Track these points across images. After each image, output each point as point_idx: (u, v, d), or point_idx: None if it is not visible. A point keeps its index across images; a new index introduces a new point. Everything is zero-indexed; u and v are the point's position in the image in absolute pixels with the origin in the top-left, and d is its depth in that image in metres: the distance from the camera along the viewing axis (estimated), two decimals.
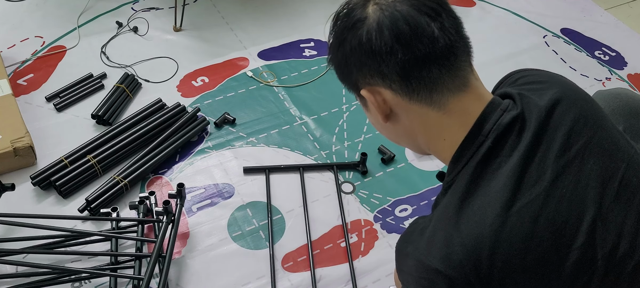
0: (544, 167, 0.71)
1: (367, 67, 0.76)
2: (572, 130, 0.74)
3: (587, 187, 0.71)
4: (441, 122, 0.77)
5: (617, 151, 0.75)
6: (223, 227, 1.32)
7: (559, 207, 0.69)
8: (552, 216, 0.69)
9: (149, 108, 1.56)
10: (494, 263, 0.67)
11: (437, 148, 0.81)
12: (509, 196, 0.69)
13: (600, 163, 0.73)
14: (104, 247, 1.24)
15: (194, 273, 1.22)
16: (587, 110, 0.77)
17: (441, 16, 0.75)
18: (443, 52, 0.74)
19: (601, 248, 0.69)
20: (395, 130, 0.83)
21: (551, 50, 1.96)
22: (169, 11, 1.96)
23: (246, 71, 1.77)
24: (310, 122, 1.61)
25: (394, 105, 0.78)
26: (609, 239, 0.70)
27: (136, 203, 1.31)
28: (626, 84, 1.85)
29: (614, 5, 2.23)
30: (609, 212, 0.71)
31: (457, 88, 0.75)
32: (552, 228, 0.68)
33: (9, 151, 1.35)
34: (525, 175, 0.71)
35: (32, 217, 1.21)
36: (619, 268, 0.70)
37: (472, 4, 2.15)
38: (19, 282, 1.14)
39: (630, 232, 0.71)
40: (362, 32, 0.75)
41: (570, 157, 0.72)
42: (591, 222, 0.70)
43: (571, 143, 0.73)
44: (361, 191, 1.42)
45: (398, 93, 0.76)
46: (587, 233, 0.69)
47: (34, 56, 1.76)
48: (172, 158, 1.47)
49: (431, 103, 0.75)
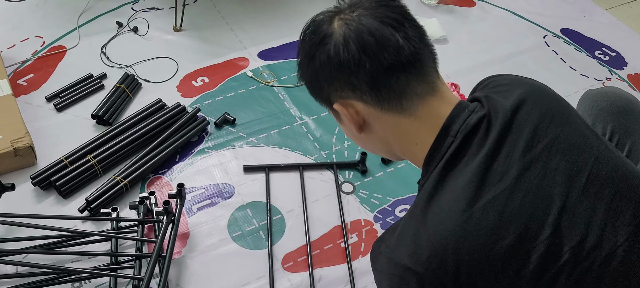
0: (509, 164, 0.73)
1: (337, 81, 0.79)
2: (538, 127, 0.76)
3: (553, 182, 0.72)
4: (412, 127, 0.79)
5: (586, 146, 0.77)
6: (223, 227, 1.32)
7: (524, 202, 0.71)
8: (517, 210, 0.70)
9: (149, 108, 1.56)
10: (460, 258, 0.69)
11: (410, 154, 0.83)
12: (474, 192, 0.71)
13: (567, 159, 0.74)
14: (104, 247, 1.24)
15: (194, 273, 1.22)
16: (553, 108, 0.79)
17: (404, 26, 0.77)
18: (409, 59, 0.76)
19: (568, 240, 0.70)
20: (370, 140, 0.86)
21: (551, 50, 1.96)
22: (169, 11, 1.96)
23: (246, 71, 1.77)
24: (310, 122, 1.61)
25: (367, 116, 0.81)
26: (577, 231, 0.71)
27: (136, 204, 1.31)
28: (626, 84, 1.85)
29: (614, 5, 2.23)
30: (577, 205, 0.72)
31: (425, 93, 0.78)
32: (517, 222, 0.70)
33: (9, 151, 1.35)
34: (490, 172, 0.72)
35: (32, 217, 1.21)
36: (589, 260, 0.70)
37: (472, 4, 2.15)
38: (19, 282, 1.14)
39: (599, 224, 0.72)
40: (329, 47, 0.78)
41: (536, 154, 0.74)
42: (557, 215, 0.71)
43: (537, 140, 0.75)
44: (361, 191, 1.42)
45: (369, 103, 0.79)
46: (553, 226, 0.70)
47: (34, 56, 1.76)
48: (172, 159, 1.47)
49: (402, 110, 0.78)
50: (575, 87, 1.79)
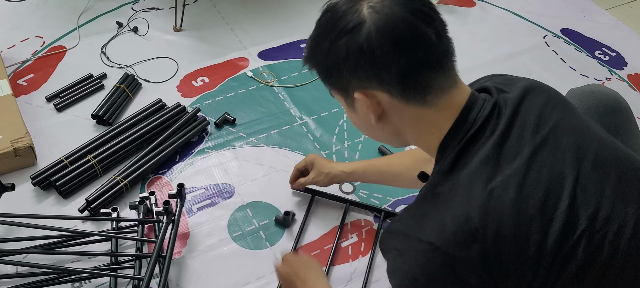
0: (521, 144, 0.75)
1: (364, 72, 0.77)
2: (542, 113, 0.79)
3: (564, 158, 0.75)
4: (432, 118, 0.79)
5: (588, 130, 0.80)
6: (223, 227, 1.32)
7: (540, 176, 0.73)
8: (535, 184, 0.72)
9: (149, 108, 1.56)
10: (486, 232, 0.70)
11: (425, 142, 0.83)
12: (491, 169, 0.73)
13: (574, 140, 0.77)
14: (104, 247, 1.24)
15: (194, 273, 1.21)
16: (555, 97, 0.83)
17: (435, 21, 0.76)
18: (439, 57, 0.77)
19: (584, 211, 0.72)
20: (383, 129, 0.84)
21: (551, 50, 1.96)
22: (169, 11, 1.96)
23: (246, 71, 1.77)
24: (311, 122, 1.61)
25: (388, 108, 0.80)
26: (591, 202, 0.73)
27: (136, 204, 1.31)
28: (626, 84, 1.85)
29: (614, 5, 2.23)
30: (588, 180, 0.74)
31: (448, 86, 0.79)
32: (536, 195, 0.72)
33: (9, 151, 1.35)
34: (504, 151, 0.75)
35: (32, 217, 1.21)
36: (603, 231, 0.72)
37: (472, 4, 2.15)
38: (19, 282, 1.14)
39: (610, 198, 0.74)
40: (361, 38, 0.75)
41: (544, 134, 0.77)
42: (572, 186, 0.73)
43: (543, 123, 0.78)
44: (361, 191, 1.42)
45: (395, 96, 0.78)
46: (570, 197, 0.72)
47: (34, 56, 1.76)
48: (172, 159, 1.47)
49: (424, 103, 0.78)
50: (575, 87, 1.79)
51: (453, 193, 0.74)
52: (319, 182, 1.27)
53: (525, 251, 0.70)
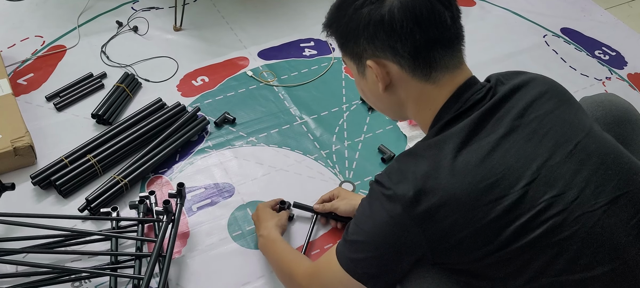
0: (499, 125, 0.81)
1: (380, 42, 0.84)
2: (534, 101, 0.83)
3: (539, 144, 0.79)
4: (432, 93, 0.86)
5: (579, 124, 0.83)
6: (223, 227, 1.32)
7: (505, 155, 0.78)
8: (496, 162, 0.77)
9: (149, 108, 1.56)
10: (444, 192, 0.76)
11: (422, 116, 0.90)
12: (462, 140, 0.80)
13: (558, 130, 0.81)
14: (104, 246, 1.24)
15: (194, 272, 1.22)
16: (555, 90, 0.87)
17: (452, 7, 0.84)
18: (450, 39, 0.84)
19: (545, 192, 0.76)
20: (388, 100, 0.91)
21: (551, 49, 1.96)
22: (169, 11, 1.96)
23: (246, 71, 1.77)
24: (310, 121, 1.61)
25: (396, 79, 0.87)
26: (556, 187, 0.76)
27: (136, 203, 1.31)
28: (626, 83, 1.85)
29: (614, 5, 2.23)
30: (559, 166, 0.78)
31: (453, 66, 0.86)
32: (494, 171, 0.77)
33: (9, 151, 1.35)
34: (479, 128, 0.81)
35: (32, 216, 1.21)
36: (564, 214, 0.75)
37: (472, 4, 2.15)
38: (19, 281, 1.14)
39: (579, 185, 0.77)
40: (384, 9, 0.82)
41: (526, 121, 0.81)
42: (535, 170, 0.77)
43: (531, 111, 0.82)
44: (361, 191, 1.42)
45: (404, 68, 0.85)
46: (532, 176, 0.76)
47: (34, 56, 1.76)
48: (172, 158, 1.47)
49: (429, 78, 0.85)
50: (575, 86, 1.79)
51: (424, 153, 0.82)
52: (340, 207, 1.27)
53: (472, 219, 0.76)
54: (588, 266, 0.75)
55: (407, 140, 1.56)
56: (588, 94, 1.17)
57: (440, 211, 0.77)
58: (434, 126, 0.86)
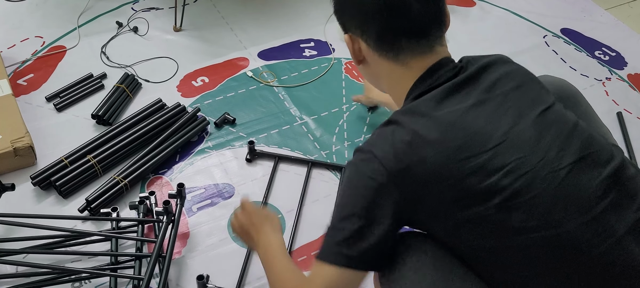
0: (468, 97, 0.84)
1: (354, 20, 0.92)
2: (500, 78, 0.87)
3: (504, 115, 0.82)
4: (402, 74, 0.91)
5: (540, 98, 0.87)
6: (223, 227, 1.32)
7: (476, 120, 0.81)
8: (466, 124, 0.81)
9: (149, 108, 1.56)
10: (414, 153, 0.80)
11: (395, 93, 0.95)
12: (434, 105, 0.84)
13: (521, 103, 0.84)
14: (104, 247, 1.24)
15: (194, 273, 1.21)
16: (519, 71, 0.91)
17: None
18: (419, 27, 0.88)
19: (512, 154, 0.79)
20: (367, 71, 0.98)
21: (551, 50, 1.96)
22: (169, 11, 1.96)
23: (246, 71, 1.77)
24: (311, 122, 1.61)
25: (366, 55, 0.94)
26: (522, 148, 0.79)
27: (136, 203, 1.31)
28: (626, 84, 1.85)
29: (614, 5, 2.23)
30: (523, 131, 0.81)
31: (421, 53, 0.89)
32: (467, 131, 0.80)
33: (9, 151, 1.35)
34: (450, 96, 0.85)
35: (32, 217, 1.21)
36: (531, 173, 0.78)
37: (472, 4, 2.15)
38: (19, 282, 1.14)
39: (543, 148, 0.80)
40: None
41: (493, 95, 0.85)
42: (504, 133, 0.80)
43: (497, 87, 0.86)
44: None
45: (372, 47, 0.91)
46: (499, 139, 0.80)
47: (34, 56, 1.76)
48: (172, 159, 1.47)
49: (396, 61, 0.90)
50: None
51: (398, 118, 0.85)
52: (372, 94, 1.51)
53: (445, 176, 0.79)
54: (561, 221, 0.77)
55: None
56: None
57: (416, 168, 0.80)
58: (407, 99, 0.91)
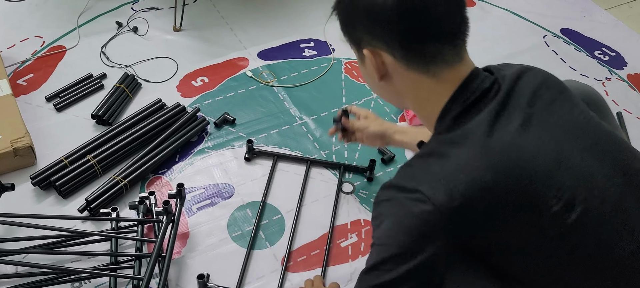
0: (514, 115, 0.79)
1: (374, 31, 0.82)
2: (536, 91, 0.83)
3: (552, 132, 0.79)
4: (432, 88, 0.83)
5: (580, 110, 0.84)
6: (223, 227, 1.32)
7: (527, 143, 0.77)
8: (520, 149, 0.76)
9: (149, 108, 1.56)
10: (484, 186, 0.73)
11: (424, 110, 0.87)
12: (486, 131, 0.77)
13: (565, 117, 0.82)
14: (104, 247, 1.24)
15: (194, 273, 1.21)
16: (550, 79, 0.87)
17: None
18: (446, 31, 0.80)
19: (566, 179, 0.76)
20: (387, 89, 0.89)
21: (551, 50, 1.96)
22: (168, 11, 1.96)
23: (246, 71, 1.77)
24: (310, 122, 1.61)
25: (391, 69, 0.84)
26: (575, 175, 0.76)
27: (136, 204, 1.31)
28: (626, 84, 1.85)
29: (614, 5, 2.23)
30: (571, 154, 0.78)
31: (453, 61, 0.82)
32: (521, 160, 0.75)
33: (9, 151, 1.35)
34: (499, 117, 0.79)
35: (32, 217, 1.21)
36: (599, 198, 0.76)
37: (472, 4, 2.15)
38: (19, 282, 1.14)
39: (595, 168, 0.78)
40: None
41: (537, 109, 0.81)
42: (555, 159, 0.76)
43: (536, 99, 0.82)
44: (361, 191, 1.42)
45: (398, 59, 0.82)
46: (552, 167, 0.76)
47: (33, 56, 1.76)
48: (172, 159, 1.47)
49: (427, 72, 0.82)
50: None
51: (446, 150, 0.78)
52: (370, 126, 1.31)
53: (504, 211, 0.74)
54: (612, 247, 0.76)
55: None
56: None
57: (471, 204, 0.74)
58: (443, 119, 0.83)
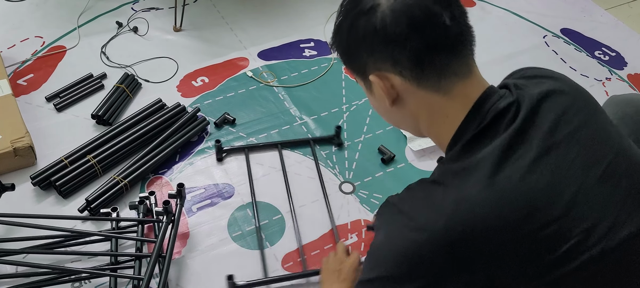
0: (530, 145, 0.74)
1: (379, 53, 0.78)
2: (562, 117, 0.77)
3: (570, 169, 0.74)
4: (444, 105, 0.80)
5: (608, 140, 0.78)
6: (223, 227, 1.32)
7: (540, 179, 0.72)
8: (531, 188, 0.72)
9: (149, 108, 1.56)
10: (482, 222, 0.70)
11: (437, 131, 0.84)
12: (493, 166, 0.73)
13: (587, 150, 0.76)
14: (104, 247, 1.24)
15: (194, 273, 1.21)
16: (580, 101, 0.81)
17: (451, 6, 0.77)
18: (454, 40, 0.77)
19: (579, 224, 0.71)
20: (400, 114, 0.85)
21: (551, 50, 1.96)
22: (169, 11, 1.96)
23: (246, 71, 1.77)
24: (310, 122, 1.61)
25: (402, 91, 0.81)
26: (590, 215, 0.72)
27: (136, 204, 1.31)
28: (626, 84, 1.85)
29: (614, 5, 2.23)
30: (591, 191, 0.73)
31: (463, 74, 0.79)
32: (529, 198, 0.71)
33: (9, 151, 1.35)
34: (511, 151, 0.74)
35: (32, 217, 1.21)
36: (601, 244, 0.71)
37: (472, 4, 2.15)
38: (19, 282, 1.14)
39: (613, 211, 0.73)
40: (376, 18, 0.76)
41: (557, 139, 0.75)
42: (569, 199, 0.72)
43: (559, 128, 0.76)
44: (361, 191, 1.42)
45: (408, 79, 0.79)
46: (565, 207, 0.72)
47: (34, 56, 1.76)
48: (172, 159, 1.47)
49: (438, 88, 0.79)
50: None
51: (452, 181, 0.75)
52: None
53: (505, 250, 0.71)
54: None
55: (407, 140, 1.56)
56: None
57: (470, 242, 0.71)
58: (455, 145, 0.80)
